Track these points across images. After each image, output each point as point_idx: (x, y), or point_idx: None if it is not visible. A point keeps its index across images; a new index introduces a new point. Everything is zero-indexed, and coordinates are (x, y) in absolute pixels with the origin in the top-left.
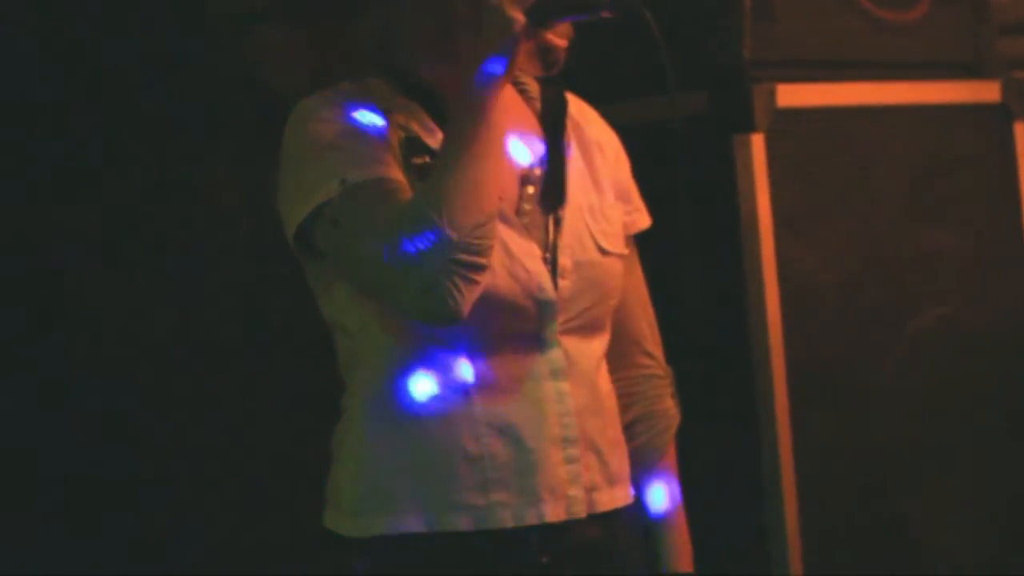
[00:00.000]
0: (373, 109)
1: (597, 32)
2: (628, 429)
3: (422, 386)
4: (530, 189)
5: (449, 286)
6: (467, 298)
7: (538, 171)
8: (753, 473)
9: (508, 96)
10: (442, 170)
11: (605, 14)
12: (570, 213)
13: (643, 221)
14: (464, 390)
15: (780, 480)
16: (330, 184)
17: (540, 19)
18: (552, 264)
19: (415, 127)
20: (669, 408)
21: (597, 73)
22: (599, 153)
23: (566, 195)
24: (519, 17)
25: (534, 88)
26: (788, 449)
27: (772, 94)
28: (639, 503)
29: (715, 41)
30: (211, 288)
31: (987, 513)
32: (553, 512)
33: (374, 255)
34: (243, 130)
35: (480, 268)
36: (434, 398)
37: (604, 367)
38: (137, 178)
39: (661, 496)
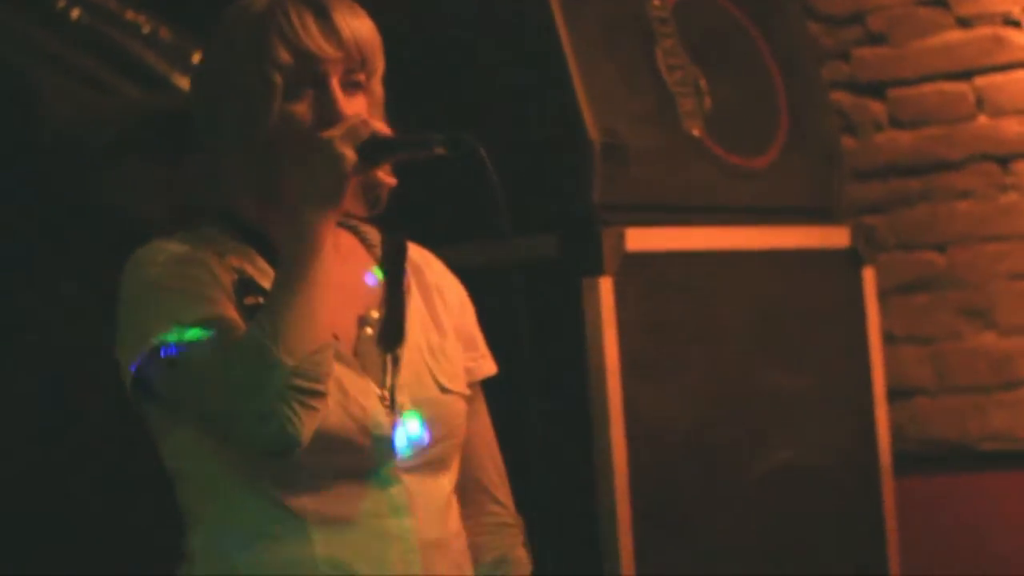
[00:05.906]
0: (207, 253)
1: (442, 172)
2: None
3: (261, 530)
4: (368, 330)
5: (287, 412)
6: (306, 424)
7: (376, 313)
8: None
9: (347, 242)
10: (274, 302)
11: (439, 150)
12: (408, 352)
13: (488, 368)
14: (304, 532)
15: None
16: (164, 326)
17: (372, 156)
18: (391, 403)
19: (249, 269)
20: (521, 556)
21: (441, 214)
22: (439, 298)
23: (404, 334)
24: (350, 154)
25: (374, 236)
26: None
27: (621, 238)
28: None
29: (565, 184)
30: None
31: None
32: None
33: (211, 389)
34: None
35: (318, 394)
36: (273, 541)
37: (454, 506)
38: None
39: None
